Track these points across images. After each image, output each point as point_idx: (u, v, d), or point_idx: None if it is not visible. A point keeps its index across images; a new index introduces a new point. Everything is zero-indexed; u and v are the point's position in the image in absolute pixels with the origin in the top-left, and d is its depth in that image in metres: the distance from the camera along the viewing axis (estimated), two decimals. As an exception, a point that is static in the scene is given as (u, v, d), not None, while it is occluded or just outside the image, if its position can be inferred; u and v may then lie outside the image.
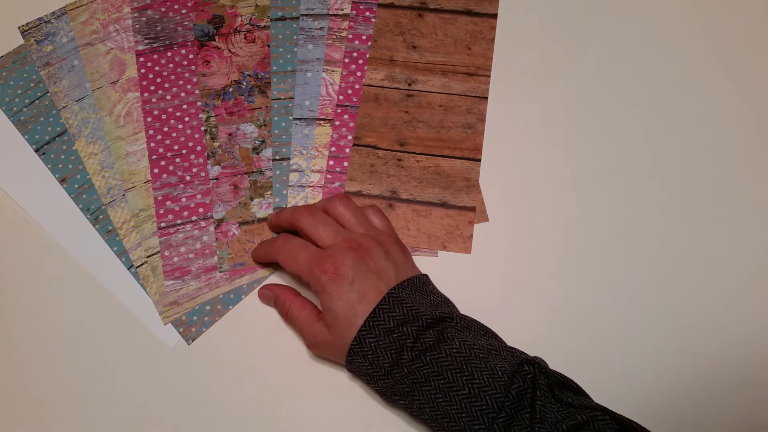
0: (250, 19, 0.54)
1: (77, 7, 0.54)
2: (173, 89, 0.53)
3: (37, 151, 0.51)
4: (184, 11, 0.54)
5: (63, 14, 0.54)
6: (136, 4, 0.54)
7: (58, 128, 0.52)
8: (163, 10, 0.54)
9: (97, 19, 0.54)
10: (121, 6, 0.54)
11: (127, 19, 0.54)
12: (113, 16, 0.54)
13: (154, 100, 0.52)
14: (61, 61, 0.53)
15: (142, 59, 0.53)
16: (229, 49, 0.53)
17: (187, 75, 0.53)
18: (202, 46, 0.53)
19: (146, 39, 0.53)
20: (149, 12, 0.54)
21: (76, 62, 0.53)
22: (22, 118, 0.52)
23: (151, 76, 0.53)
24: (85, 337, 0.48)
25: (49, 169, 0.51)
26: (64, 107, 0.52)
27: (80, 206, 0.51)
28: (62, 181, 0.51)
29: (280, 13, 0.54)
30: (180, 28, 0.54)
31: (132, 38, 0.53)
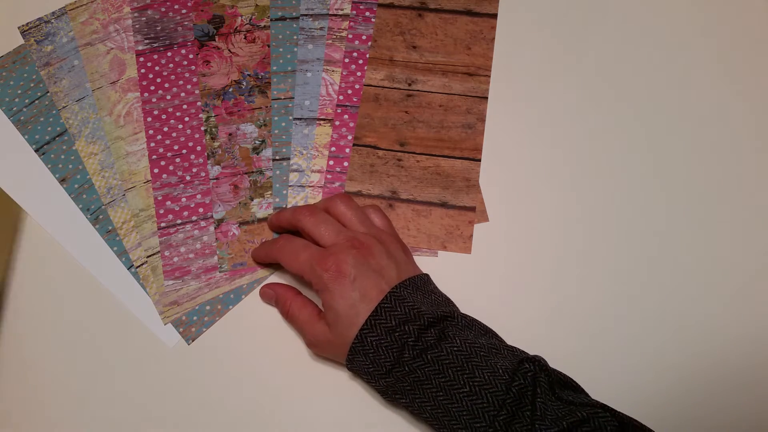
0: (250, 19, 0.54)
1: (77, 7, 0.54)
2: (173, 89, 0.53)
3: (37, 151, 0.51)
4: (184, 11, 0.54)
5: (63, 14, 0.54)
6: (136, 4, 0.54)
7: (58, 128, 0.52)
8: (163, 10, 0.54)
9: (97, 19, 0.54)
10: (121, 6, 0.54)
11: (127, 19, 0.54)
12: (113, 16, 0.54)
13: (154, 100, 0.52)
14: (61, 61, 0.53)
15: (142, 59, 0.53)
16: (229, 49, 0.53)
17: (187, 75, 0.53)
18: (202, 46, 0.53)
19: (146, 39, 0.53)
20: (149, 12, 0.54)
21: (76, 62, 0.53)
22: (22, 118, 0.52)
23: (151, 76, 0.53)
24: (85, 337, 0.48)
25: (49, 169, 0.51)
26: (64, 107, 0.52)
27: (80, 206, 0.51)
28: (62, 181, 0.51)
29: (280, 13, 0.54)
30: (180, 28, 0.54)
31: (132, 38, 0.53)
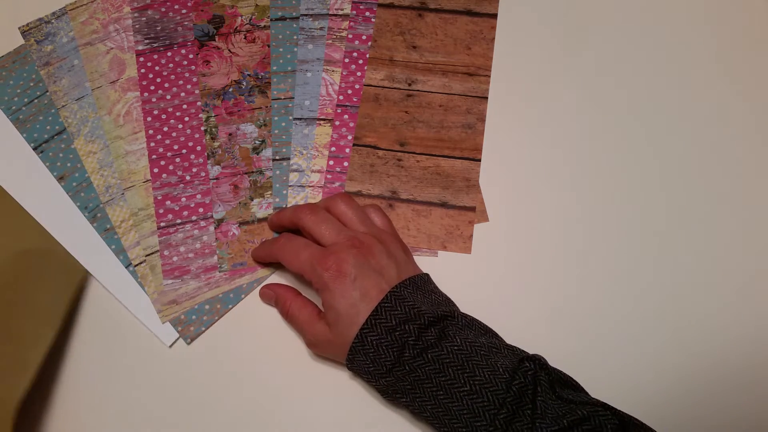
0: (250, 19, 0.54)
1: (77, 7, 0.54)
2: (173, 89, 0.53)
3: (35, 149, 0.51)
4: (184, 11, 0.54)
5: (63, 14, 0.54)
6: (136, 4, 0.54)
7: (57, 127, 0.52)
8: (163, 10, 0.54)
9: (97, 19, 0.54)
10: (121, 6, 0.54)
11: (127, 18, 0.54)
12: (113, 15, 0.54)
13: (154, 100, 0.52)
14: (61, 60, 0.53)
15: (142, 59, 0.53)
16: (229, 49, 0.53)
17: (187, 75, 0.53)
18: (202, 46, 0.53)
19: (146, 39, 0.53)
20: (149, 12, 0.54)
21: (75, 62, 0.53)
22: (21, 116, 0.52)
23: (151, 76, 0.53)
24: (82, 336, 0.48)
25: (47, 167, 0.51)
26: (63, 106, 0.52)
27: (78, 204, 0.50)
28: (60, 179, 0.51)
29: (280, 13, 0.54)
30: (180, 28, 0.54)
31: (132, 38, 0.53)
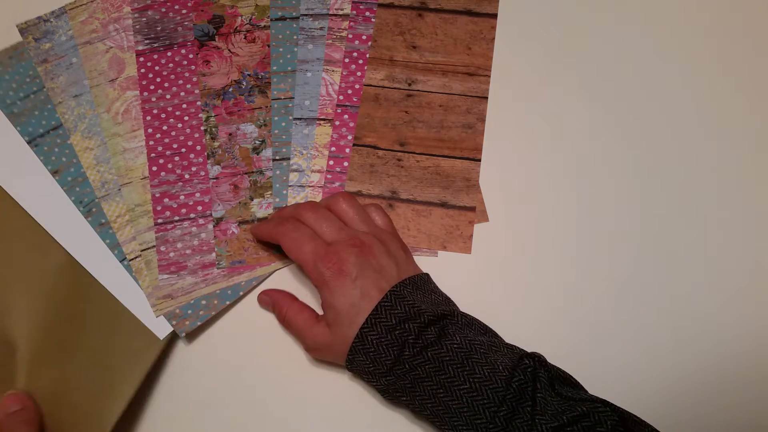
0: (250, 19, 0.54)
1: (77, 7, 0.54)
2: (173, 89, 0.52)
3: (29, 142, 0.51)
4: (184, 11, 0.54)
5: (62, 14, 0.54)
6: (136, 5, 0.54)
7: (53, 122, 0.51)
8: (164, 10, 0.54)
9: (97, 19, 0.54)
10: (121, 6, 0.54)
11: (126, 18, 0.54)
12: (113, 15, 0.54)
13: (153, 100, 0.52)
14: (60, 58, 0.53)
15: (142, 59, 0.53)
16: (229, 49, 0.53)
17: (187, 75, 0.53)
18: (202, 46, 0.53)
19: (146, 39, 0.53)
20: (149, 12, 0.54)
21: (74, 60, 0.53)
22: (16, 110, 0.51)
23: (150, 75, 0.53)
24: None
25: (41, 160, 0.50)
26: (60, 102, 0.52)
27: (72, 198, 0.50)
28: (54, 173, 0.50)
29: (280, 13, 0.54)
30: (180, 28, 0.54)
31: (132, 37, 0.53)
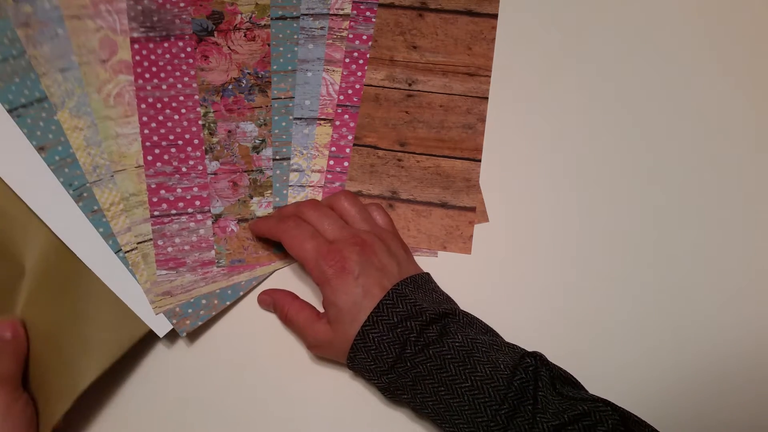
0: (250, 17, 0.53)
1: (64, -21, 0.51)
2: (169, 80, 0.51)
3: (10, 111, 0.48)
4: (182, 4, 0.53)
5: (46, -19, 0.50)
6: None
7: (37, 93, 0.49)
8: (161, 1, 0.53)
9: (87, -6, 0.51)
10: (113, -12, 0.52)
11: (120, 1, 0.52)
12: (105, -5, 0.51)
13: (149, 88, 0.51)
14: (43, 26, 0.50)
15: (137, 46, 0.51)
16: (228, 46, 0.53)
17: (184, 68, 0.51)
18: (200, 40, 0.53)
19: (141, 27, 0.51)
20: (145, 2, 0.52)
21: (60, 31, 0.50)
22: None
23: (146, 64, 0.51)
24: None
25: (24, 134, 0.48)
26: (45, 74, 0.49)
27: (61, 180, 0.47)
28: (40, 149, 0.48)
29: (280, 12, 0.54)
30: (177, 21, 0.52)
31: (125, 22, 0.51)
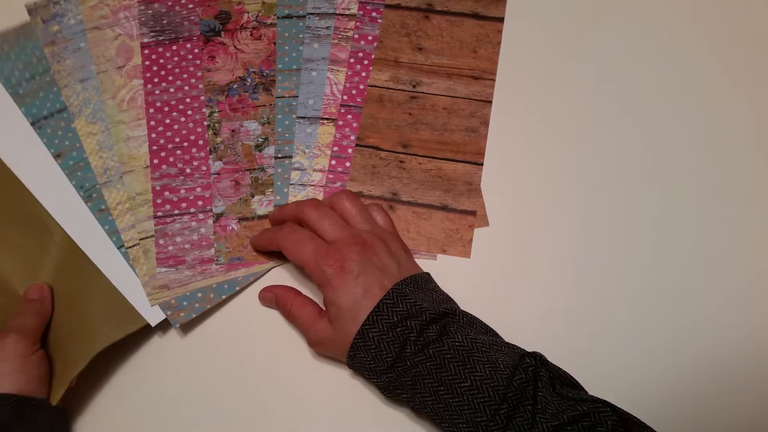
0: (256, 16, 0.54)
1: (87, -8, 0.53)
2: (177, 82, 0.52)
3: (33, 124, 0.50)
4: (191, 6, 0.54)
5: (72, -3, 0.53)
6: (143, -3, 0.54)
7: (58, 105, 0.51)
8: (170, 3, 0.54)
9: (107, 5, 0.53)
10: (130, -5, 0.54)
11: (136, 7, 0.53)
12: (123, 2, 0.53)
13: (157, 92, 0.52)
14: (67, 41, 0.52)
15: (147, 51, 0.53)
16: (234, 45, 0.53)
17: (191, 69, 0.53)
18: (207, 41, 0.53)
19: (152, 32, 0.53)
20: (156, 6, 0.54)
21: (82, 44, 0.53)
22: (21, 91, 0.51)
23: (155, 68, 0.52)
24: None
25: (44, 143, 0.50)
26: (66, 86, 0.52)
27: (74, 183, 0.50)
28: (57, 156, 0.50)
29: (287, 11, 0.54)
30: (186, 23, 0.54)
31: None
